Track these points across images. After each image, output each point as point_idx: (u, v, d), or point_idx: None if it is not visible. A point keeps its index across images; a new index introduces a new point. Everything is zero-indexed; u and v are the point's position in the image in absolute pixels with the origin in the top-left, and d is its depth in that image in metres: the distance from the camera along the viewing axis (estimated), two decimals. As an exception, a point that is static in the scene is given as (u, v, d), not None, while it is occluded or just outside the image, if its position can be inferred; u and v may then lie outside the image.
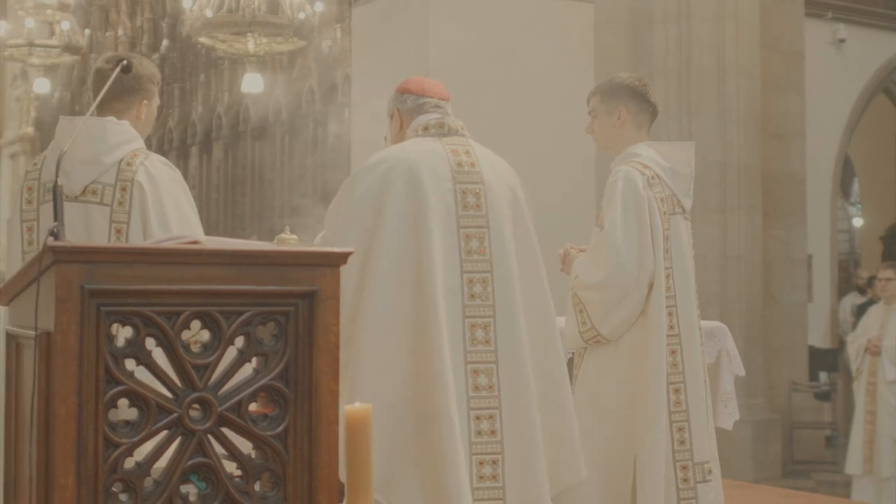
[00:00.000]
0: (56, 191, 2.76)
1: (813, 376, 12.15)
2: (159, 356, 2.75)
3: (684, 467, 4.49)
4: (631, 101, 4.73)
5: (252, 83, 13.00)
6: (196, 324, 2.78)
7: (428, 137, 4.16)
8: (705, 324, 5.65)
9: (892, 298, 8.65)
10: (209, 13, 12.23)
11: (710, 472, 4.55)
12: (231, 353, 2.83)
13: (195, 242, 2.88)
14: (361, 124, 11.28)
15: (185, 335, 2.78)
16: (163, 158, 4.11)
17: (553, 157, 9.51)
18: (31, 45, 16.92)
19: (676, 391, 4.50)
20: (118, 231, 3.96)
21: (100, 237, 3.99)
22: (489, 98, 9.95)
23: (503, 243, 4.04)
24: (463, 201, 4.04)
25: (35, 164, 4.14)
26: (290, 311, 2.85)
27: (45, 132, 22.00)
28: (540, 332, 4.09)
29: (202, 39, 12.54)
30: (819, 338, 12.62)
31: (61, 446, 2.62)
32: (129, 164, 3.99)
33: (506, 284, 4.01)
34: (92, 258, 2.66)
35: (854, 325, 13.18)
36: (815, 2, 12.09)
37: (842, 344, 13.34)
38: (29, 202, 4.07)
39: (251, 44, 12.24)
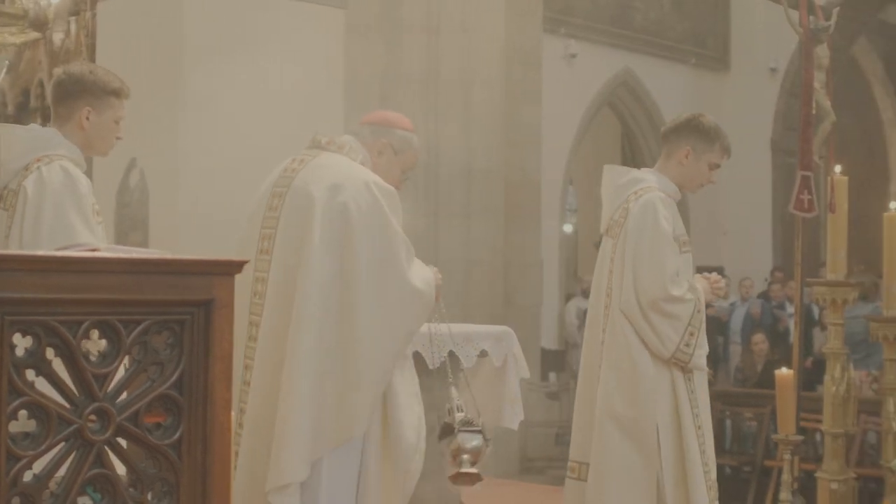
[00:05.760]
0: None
1: (543, 376, 12.62)
2: (56, 366, 2.69)
3: None
4: None
5: (-19, 75, 12.44)
6: (94, 333, 2.74)
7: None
8: (493, 329, 5.75)
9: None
10: (-68, -1, 11.66)
11: None
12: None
13: (94, 250, 2.83)
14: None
15: (84, 345, 2.73)
16: (68, 166, 4.00)
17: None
18: None
19: None
20: None
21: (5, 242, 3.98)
22: (238, 96, 9.96)
23: (287, 245, 4.12)
24: (269, 204, 4.22)
25: None
26: (185, 320, 2.84)
27: None
28: (337, 334, 4.02)
29: (-73, 27, 11.93)
30: (548, 339, 13.11)
31: (-34, 460, 2.54)
32: (27, 168, 3.96)
33: (275, 284, 4.12)
34: (-4, 265, 2.58)
35: (580, 328, 13.79)
36: (550, 18, 12.57)
37: (568, 346, 13.94)
38: None
39: (-19, 34, 11.72)
